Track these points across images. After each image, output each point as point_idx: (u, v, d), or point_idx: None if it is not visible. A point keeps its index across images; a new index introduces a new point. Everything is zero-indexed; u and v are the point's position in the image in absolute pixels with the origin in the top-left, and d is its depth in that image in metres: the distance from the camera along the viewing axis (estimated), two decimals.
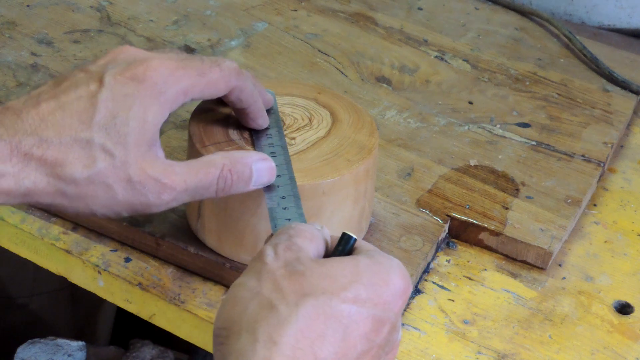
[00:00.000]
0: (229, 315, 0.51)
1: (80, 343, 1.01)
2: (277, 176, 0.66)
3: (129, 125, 0.59)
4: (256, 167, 0.63)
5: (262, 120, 0.70)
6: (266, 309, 0.50)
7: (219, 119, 0.72)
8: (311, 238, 0.54)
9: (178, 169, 0.61)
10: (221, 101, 0.74)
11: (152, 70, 0.61)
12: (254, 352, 0.48)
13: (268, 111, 0.71)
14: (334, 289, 0.51)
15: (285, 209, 0.63)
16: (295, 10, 1.10)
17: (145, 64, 0.61)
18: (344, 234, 0.54)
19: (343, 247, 0.54)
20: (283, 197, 0.64)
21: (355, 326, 0.50)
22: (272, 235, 0.60)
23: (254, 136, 0.70)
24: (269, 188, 0.65)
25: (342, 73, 0.99)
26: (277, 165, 0.66)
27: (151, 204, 0.60)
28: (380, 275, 0.52)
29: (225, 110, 0.73)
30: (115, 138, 0.59)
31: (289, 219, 0.62)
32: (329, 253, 0.55)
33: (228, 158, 0.63)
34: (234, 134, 0.71)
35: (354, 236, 0.54)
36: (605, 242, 0.82)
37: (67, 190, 0.59)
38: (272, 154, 0.68)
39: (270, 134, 0.70)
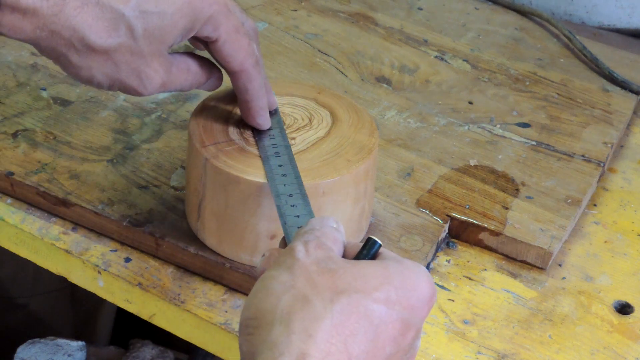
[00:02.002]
0: (260, 306, 0.51)
1: (80, 343, 1.01)
2: (283, 175, 0.66)
3: (164, 20, 0.62)
4: (212, 79, 0.70)
5: (262, 120, 0.70)
6: (301, 303, 0.50)
7: (219, 118, 0.72)
8: (334, 241, 0.55)
9: (174, 70, 0.66)
10: (222, 100, 0.74)
11: None
12: (289, 343, 0.48)
13: (271, 113, 0.72)
14: (366, 289, 0.51)
15: (293, 206, 0.63)
16: (295, 10, 1.10)
17: None
18: (369, 239, 0.55)
19: (368, 251, 0.54)
20: (290, 195, 0.64)
21: (384, 327, 0.50)
22: (284, 238, 0.60)
23: (256, 137, 0.70)
24: (275, 188, 0.65)
25: (342, 73, 0.99)
26: (282, 165, 0.67)
27: (144, 92, 0.65)
28: (410, 280, 0.52)
29: (226, 110, 0.73)
30: (147, 25, 0.62)
31: (298, 216, 0.62)
32: (348, 257, 0.55)
33: (201, 67, 0.68)
34: (234, 133, 0.71)
35: (379, 241, 0.54)
36: (605, 242, 0.82)
37: (82, 50, 0.62)
38: (276, 154, 0.68)
39: (273, 135, 0.70)
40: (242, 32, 0.66)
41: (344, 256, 0.55)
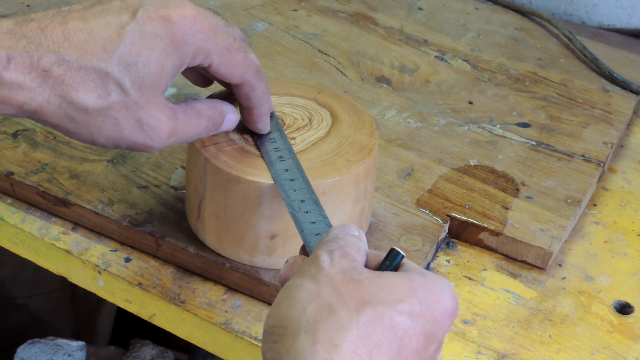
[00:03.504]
0: (285, 314, 0.51)
1: (80, 343, 1.01)
2: (291, 180, 0.66)
3: (150, 67, 0.60)
4: (227, 117, 0.67)
5: (262, 125, 0.70)
6: (326, 312, 0.50)
7: None
8: (358, 250, 0.55)
9: (180, 116, 0.63)
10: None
11: (186, 18, 0.61)
12: (314, 353, 0.48)
13: (270, 116, 0.71)
14: (391, 301, 0.51)
15: (307, 212, 0.63)
16: (295, 10, 1.10)
17: (182, 9, 0.61)
18: (392, 250, 0.55)
19: (390, 262, 0.54)
20: (302, 201, 0.64)
21: (408, 340, 0.50)
22: (304, 246, 0.60)
23: (257, 141, 0.70)
24: (286, 195, 0.65)
25: (342, 73, 0.99)
26: (288, 169, 0.67)
27: (153, 145, 0.62)
28: (433, 294, 0.52)
29: None
30: (134, 76, 0.59)
31: (314, 222, 0.62)
32: (370, 265, 0.55)
33: (212, 109, 0.66)
34: (234, 133, 0.71)
35: (402, 252, 0.54)
36: (605, 242, 0.82)
37: (76, 116, 0.59)
38: (280, 159, 0.68)
39: (274, 138, 0.70)
40: (235, 48, 0.64)
41: (366, 265, 0.55)
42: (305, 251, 0.60)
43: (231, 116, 0.68)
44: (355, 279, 0.51)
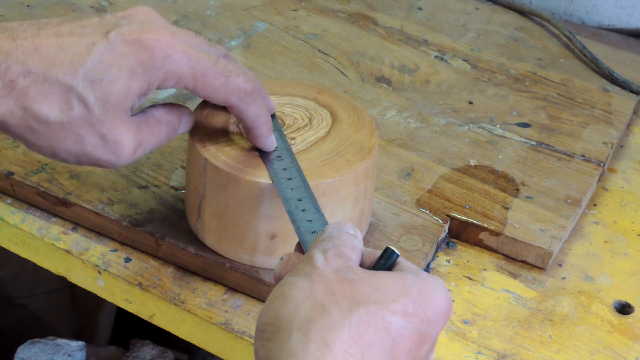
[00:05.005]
0: (278, 312, 0.51)
1: (80, 343, 1.01)
2: (289, 179, 0.66)
3: (115, 86, 0.59)
4: (183, 120, 0.66)
5: (263, 144, 0.68)
6: (319, 311, 0.50)
7: (219, 118, 0.72)
8: (352, 248, 0.55)
9: (144, 128, 0.62)
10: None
11: (159, 42, 0.60)
12: (306, 352, 0.48)
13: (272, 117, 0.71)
14: (384, 300, 0.51)
15: (304, 210, 0.63)
16: (295, 10, 1.10)
17: (156, 33, 0.60)
18: (387, 249, 0.55)
19: (385, 261, 0.54)
20: (299, 200, 0.64)
21: (401, 340, 0.50)
22: (299, 243, 0.60)
23: None
24: (283, 193, 0.65)
25: (342, 73, 0.99)
26: (286, 168, 0.67)
27: (119, 162, 0.62)
28: (427, 293, 0.52)
29: (226, 110, 0.73)
30: (98, 93, 0.59)
31: (310, 220, 0.62)
32: (365, 264, 0.55)
33: (169, 114, 0.65)
34: (234, 133, 0.71)
35: (397, 252, 0.54)
36: (605, 242, 0.82)
37: (37, 128, 0.59)
38: (279, 158, 0.68)
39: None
40: (214, 73, 0.63)
41: (362, 264, 0.55)
42: (301, 248, 0.60)
43: (186, 118, 0.67)
44: (349, 278, 0.51)
